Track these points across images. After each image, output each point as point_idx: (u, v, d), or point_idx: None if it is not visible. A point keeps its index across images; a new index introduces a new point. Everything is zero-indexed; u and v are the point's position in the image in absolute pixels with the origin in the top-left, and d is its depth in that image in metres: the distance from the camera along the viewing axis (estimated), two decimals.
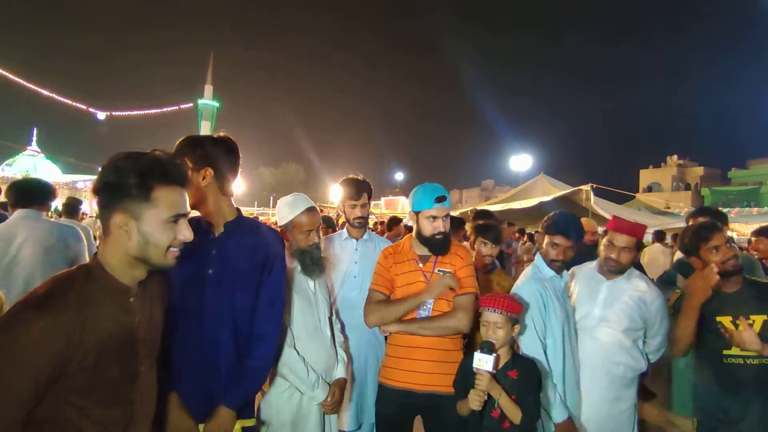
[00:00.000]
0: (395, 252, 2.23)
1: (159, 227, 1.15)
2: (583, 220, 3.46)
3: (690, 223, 2.87)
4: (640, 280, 2.42)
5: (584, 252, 3.24)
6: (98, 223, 2.56)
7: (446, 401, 2.00)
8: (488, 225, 2.86)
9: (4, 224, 2.74)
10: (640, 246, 2.42)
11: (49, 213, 5.16)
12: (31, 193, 2.78)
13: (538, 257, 2.39)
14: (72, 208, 5.03)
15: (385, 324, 2.09)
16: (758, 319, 2.03)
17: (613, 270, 2.36)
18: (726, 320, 2.08)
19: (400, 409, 2.09)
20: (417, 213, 2.12)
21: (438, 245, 2.10)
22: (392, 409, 2.10)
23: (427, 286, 2.07)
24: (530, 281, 2.32)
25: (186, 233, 1.19)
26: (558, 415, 2.06)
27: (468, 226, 3.32)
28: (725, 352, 2.07)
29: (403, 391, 2.06)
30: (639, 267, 2.92)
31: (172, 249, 1.19)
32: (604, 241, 2.43)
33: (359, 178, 2.64)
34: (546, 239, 2.32)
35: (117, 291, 1.16)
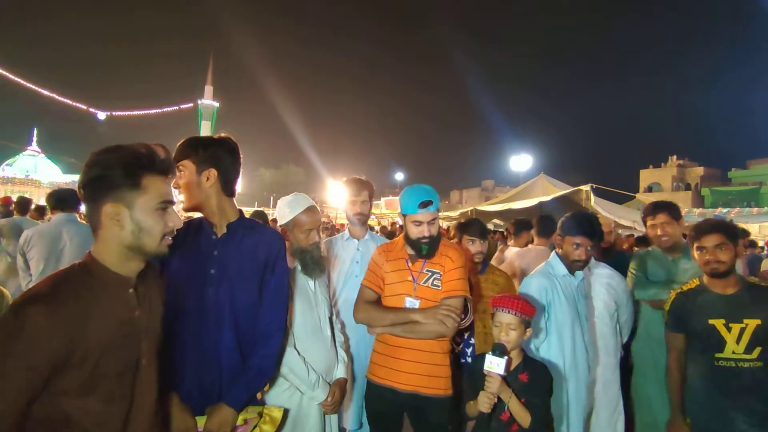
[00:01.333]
0: (388, 250, 2.26)
1: (150, 214, 1.18)
2: (600, 218, 3.43)
3: (647, 220, 2.81)
4: (602, 268, 2.67)
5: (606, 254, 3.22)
6: None
7: (428, 403, 2.01)
8: (470, 221, 2.81)
9: (51, 224, 3.68)
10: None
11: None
12: (68, 200, 3.72)
13: (553, 255, 2.46)
14: (24, 206, 5.22)
15: (371, 327, 2.12)
16: (751, 323, 2.01)
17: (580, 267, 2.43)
18: (719, 323, 2.06)
19: (388, 405, 2.10)
20: (404, 216, 2.14)
21: (422, 249, 2.09)
22: (380, 405, 2.12)
23: (425, 310, 2.03)
24: (538, 275, 2.41)
25: (176, 219, 1.23)
26: None
27: (451, 228, 3.30)
28: (717, 355, 2.05)
29: (387, 388, 2.06)
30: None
31: (166, 237, 1.22)
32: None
33: (361, 178, 2.71)
34: (567, 240, 2.35)
35: (115, 284, 1.17)
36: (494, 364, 1.76)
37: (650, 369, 2.67)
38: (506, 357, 1.77)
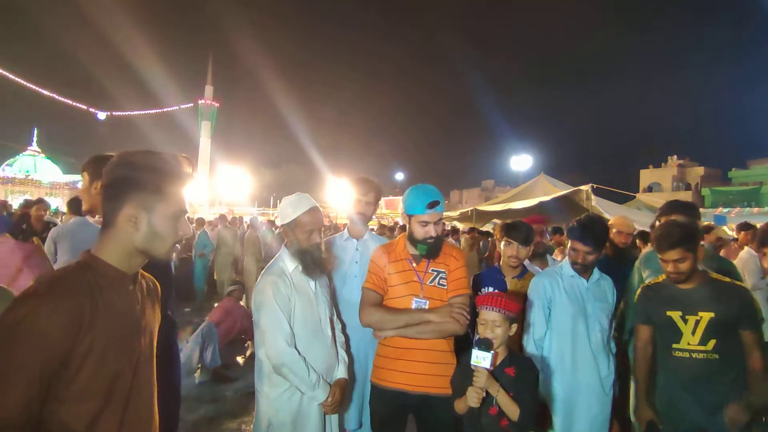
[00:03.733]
0: (389, 251, 2.24)
1: (166, 221, 1.20)
2: (619, 219, 3.39)
3: (662, 220, 2.75)
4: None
5: (617, 255, 3.20)
6: None
7: (438, 402, 2.02)
8: (516, 224, 2.79)
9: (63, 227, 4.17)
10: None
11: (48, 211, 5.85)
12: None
13: (566, 258, 2.54)
14: (77, 206, 5.65)
15: (382, 330, 2.10)
16: (705, 316, 2.10)
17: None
18: (675, 315, 2.15)
19: (394, 409, 2.10)
20: (409, 216, 2.13)
21: (428, 249, 2.10)
22: (386, 409, 2.11)
23: (438, 310, 2.07)
24: (542, 275, 2.51)
25: (186, 228, 1.26)
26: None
27: (497, 227, 3.33)
28: (674, 345, 2.15)
29: (395, 391, 2.06)
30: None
31: (175, 244, 1.25)
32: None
33: (372, 180, 2.71)
34: (569, 243, 2.47)
35: (116, 279, 1.18)
36: (481, 359, 1.77)
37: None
38: (492, 351, 1.79)
